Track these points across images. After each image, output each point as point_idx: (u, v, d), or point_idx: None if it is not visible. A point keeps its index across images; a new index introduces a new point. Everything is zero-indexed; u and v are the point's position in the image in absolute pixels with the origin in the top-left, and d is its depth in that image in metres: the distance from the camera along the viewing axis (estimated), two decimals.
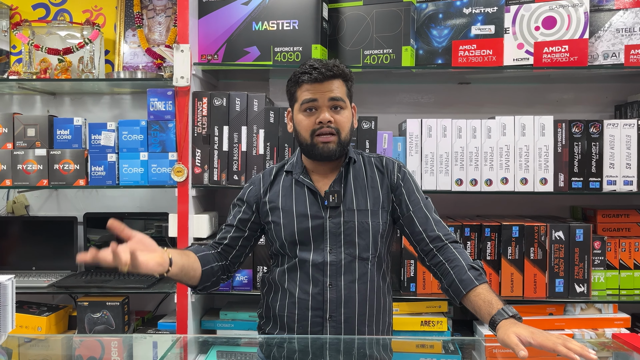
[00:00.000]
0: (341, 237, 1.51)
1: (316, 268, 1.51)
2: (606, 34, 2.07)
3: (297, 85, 1.51)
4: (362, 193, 1.55)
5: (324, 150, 1.49)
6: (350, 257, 1.51)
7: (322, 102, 1.48)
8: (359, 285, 1.52)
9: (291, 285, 1.53)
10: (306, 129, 1.50)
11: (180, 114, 2.07)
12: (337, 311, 1.50)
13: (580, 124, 2.06)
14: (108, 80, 2.30)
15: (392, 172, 1.58)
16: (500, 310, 1.30)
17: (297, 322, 1.52)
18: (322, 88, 1.47)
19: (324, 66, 1.47)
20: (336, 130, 1.48)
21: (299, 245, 1.53)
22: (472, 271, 1.42)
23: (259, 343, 1.59)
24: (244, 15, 2.10)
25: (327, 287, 1.50)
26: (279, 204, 1.55)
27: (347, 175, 1.56)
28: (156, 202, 2.48)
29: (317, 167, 1.57)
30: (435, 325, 2.05)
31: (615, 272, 2.10)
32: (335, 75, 1.48)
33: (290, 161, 1.62)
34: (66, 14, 2.47)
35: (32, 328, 2.15)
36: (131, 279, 2.21)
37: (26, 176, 2.17)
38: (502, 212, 2.37)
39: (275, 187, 1.58)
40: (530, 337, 1.19)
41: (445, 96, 2.42)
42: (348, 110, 1.52)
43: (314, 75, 1.46)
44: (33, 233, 2.40)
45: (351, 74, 1.54)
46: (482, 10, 2.07)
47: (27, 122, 2.20)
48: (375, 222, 1.53)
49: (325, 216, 1.52)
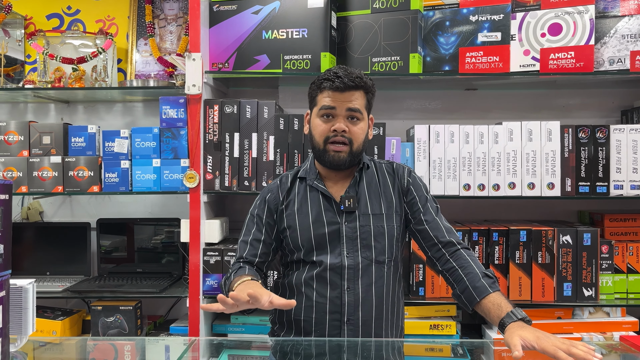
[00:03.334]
0: (358, 241, 1.53)
1: (334, 272, 1.52)
2: (612, 40, 2.09)
3: (319, 90, 1.53)
4: (375, 198, 1.57)
5: (334, 158, 1.51)
6: (367, 260, 1.53)
7: (340, 111, 1.50)
8: (376, 288, 1.53)
9: (308, 289, 1.55)
10: (321, 134, 1.52)
11: (192, 121, 2.10)
12: (355, 314, 1.52)
13: (587, 129, 2.08)
14: (121, 89, 2.35)
15: (402, 176, 1.60)
16: (509, 313, 1.33)
17: (314, 325, 1.53)
18: (342, 97, 1.49)
19: (348, 76, 1.48)
20: (349, 141, 1.50)
21: (316, 250, 1.54)
22: (485, 279, 1.43)
23: (271, 347, 1.61)
24: (254, 24, 2.14)
25: (345, 290, 1.52)
26: (295, 211, 1.57)
27: (360, 181, 1.58)
28: (168, 207, 2.51)
29: (330, 174, 1.59)
30: (444, 329, 2.07)
31: (623, 276, 2.11)
32: (357, 86, 1.50)
33: (303, 167, 1.64)
34: (80, 24, 2.52)
35: (46, 332, 2.18)
36: (144, 283, 2.24)
37: (42, 183, 2.21)
38: (510, 217, 2.38)
39: (292, 194, 1.60)
40: (534, 342, 1.21)
41: (452, 102, 2.44)
42: (364, 122, 1.54)
43: (336, 84, 1.48)
44: (47, 239, 2.44)
45: (373, 87, 1.55)
46: (488, 18, 2.10)
47: (43, 129, 2.24)
48: (390, 226, 1.55)
49: (341, 221, 1.54)
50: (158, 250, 2.42)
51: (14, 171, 2.21)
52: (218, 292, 2.11)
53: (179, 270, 2.39)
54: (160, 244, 2.42)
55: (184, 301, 2.16)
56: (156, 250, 2.42)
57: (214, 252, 2.11)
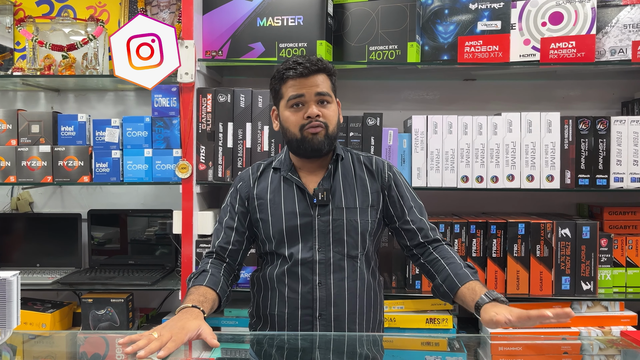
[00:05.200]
0: (330, 235, 1.51)
1: (305, 267, 1.51)
2: (613, 30, 2.05)
3: (282, 82, 1.50)
4: (350, 191, 1.55)
5: (313, 141, 1.48)
6: (339, 255, 1.51)
7: (308, 97, 1.48)
8: (349, 283, 1.52)
9: (280, 284, 1.53)
10: (295, 124, 1.49)
11: (185, 110, 2.06)
12: (327, 310, 1.50)
13: (587, 121, 2.04)
14: (112, 77, 2.29)
15: (382, 171, 1.58)
16: (483, 295, 1.35)
17: (287, 320, 1.52)
18: (307, 83, 1.47)
19: (308, 61, 1.48)
20: (324, 124, 1.48)
21: (287, 243, 1.52)
22: (467, 269, 1.46)
23: (249, 341, 1.56)
24: (248, 11, 2.09)
25: (316, 285, 1.50)
26: (267, 201, 1.55)
27: (335, 172, 1.56)
28: (160, 198, 2.47)
29: (305, 165, 1.56)
30: (441, 322, 2.04)
31: (622, 269, 2.09)
32: (320, 69, 1.49)
33: (277, 158, 1.61)
34: (70, 10, 2.46)
35: (36, 325, 2.15)
36: (135, 275, 2.20)
37: (30, 173, 2.16)
38: (508, 209, 2.36)
39: (263, 183, 1.57)
40: (508, 314, 1.25)
41: (450, 92, 2.41)
42: (334, 104, 1.53)
43: (299, 70, 1.46)
44: (37, 230, 2.40)
45: (334, 69, 1.54)
46: (488, 6, 2.05)
47: (32, 118, 2.19)
48: (364, 221, 1.53)
49: (314, 214, 1.51)
50: (150, 242, 2.38)
51: (2, 160, 2.16)
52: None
53: (171, 262, 2.35)
54: (152, 236, 2.38)
55: (176, 294, 2.13)
56: (148, 242, 2.38)
57: (207, 244, 2.07)
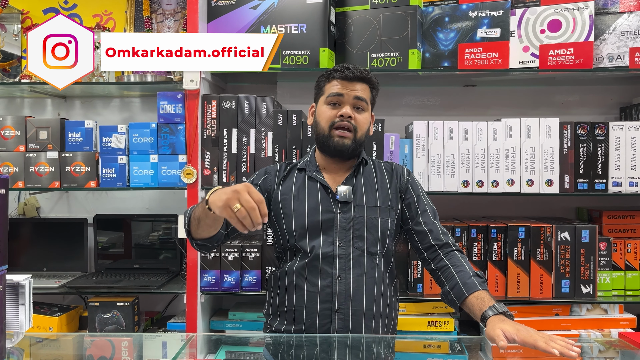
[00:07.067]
0: (350, 232, 1.56)
1: (325, 261, 1.55)
2: (611, 37, 2.08)
3: (328, 80, 1.61)
4: (372, 191, 1.61)
5: (338, 144, 1.56)
6: (359, 250, 1.56)
7: (347, 98, 1.57)
8: (367, 279, 1.55)
9: (299, 278, 1.57)
10: (327, 119, 1.58)
11: (190, 116, 2.09)
12: (345, 304, 1.53)
13: (586, 126, 2.07)
14: (118, 84, 2.33)
15: (401, 175, 1.66)
16: (491, 306, 1.36)
17: (305, 315, 1.55)
18: (350, 86, 1.57)
19: (356, 68, 1.58)
20: (354, 128, 1.56)
21: (309, 237, 1.57)
22: (476, 277, 1.47)
23: (265, 343, 1.61)
24: (252, 19, 2.13)
25: (336, 279, 1.54)
26: (291, 197, 1.61)
27: (358, 174, 1.63)
28: (165, 203, 2.50)
29: (330, 165, 1.63)
30: (442, 325, 2.06)
31: (621, 272, 2.11)
32: (364, 78, 1.59)
33: (303, 160, 1.69)
34: (77, 18, 2.49)
35: (43, 328, 2.18)
36: (141, 279, 2.23)
37: (38, 178, 2.19)
38: (508, 214, 2.38)
39: (288, 181, 1.64)
40: (514, 334, 1.24)
41: (451, 99, 2.44)
42: (368, 113, 1.62)
43: (345, 73, 1.57)
44: (44, 234, 2.43)
45: (378, 84, 1.64)
46: (488, 14, 2.09)
47: (39, 125, 2.23)
48: (384, 219, 1.59)
49: (336, 211, 1.57)
50: (155, 247, 2.41)
51: (10, 166, 2.20)
52: (216, 288, 2.12)
53: (176, 266, 2.38)
54: (157, 240, 2.41)
55: (181, 297, 2.15)
56: (154, 247, 2.41)
57: None
